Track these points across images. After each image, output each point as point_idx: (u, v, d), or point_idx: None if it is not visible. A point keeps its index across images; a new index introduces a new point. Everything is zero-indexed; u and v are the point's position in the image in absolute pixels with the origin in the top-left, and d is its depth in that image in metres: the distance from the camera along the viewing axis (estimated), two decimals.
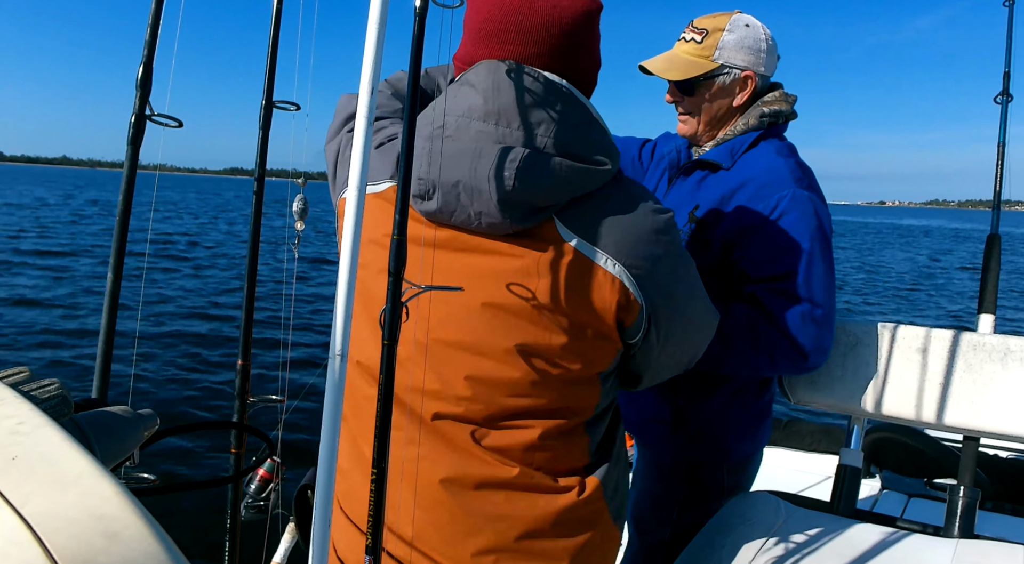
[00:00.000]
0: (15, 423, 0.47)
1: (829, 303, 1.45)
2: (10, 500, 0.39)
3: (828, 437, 3.20)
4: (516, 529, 1.01)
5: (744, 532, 1.44)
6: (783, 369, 1.50)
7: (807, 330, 1.43)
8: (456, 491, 1.00)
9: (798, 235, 1.44)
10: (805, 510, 1.58)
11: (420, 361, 0.98)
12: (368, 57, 0.66)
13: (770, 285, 1.46)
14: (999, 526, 2.36)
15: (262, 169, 1.91)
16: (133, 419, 0.65)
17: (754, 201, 1.48)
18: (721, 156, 1.57)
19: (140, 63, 1.40)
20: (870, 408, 1.59)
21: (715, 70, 1.55)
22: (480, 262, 0.95)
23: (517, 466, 1.00)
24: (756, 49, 1.56)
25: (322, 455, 0.66)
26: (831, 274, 1.46)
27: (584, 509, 1.05)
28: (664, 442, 1.66)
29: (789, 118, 1.61)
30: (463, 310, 0.96)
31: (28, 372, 0.59)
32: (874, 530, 1.48)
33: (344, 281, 0.65)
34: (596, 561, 1.07)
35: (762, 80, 1.59)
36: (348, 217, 0.66)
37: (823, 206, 1.48)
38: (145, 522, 0.39)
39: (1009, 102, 2.12)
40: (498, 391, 0.98)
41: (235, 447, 2.00)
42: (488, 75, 0.92)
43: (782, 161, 1.51)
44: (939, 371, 1.53)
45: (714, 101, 1.59)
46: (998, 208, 2.13)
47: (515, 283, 0.93)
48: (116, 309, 1.47)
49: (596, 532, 1.06)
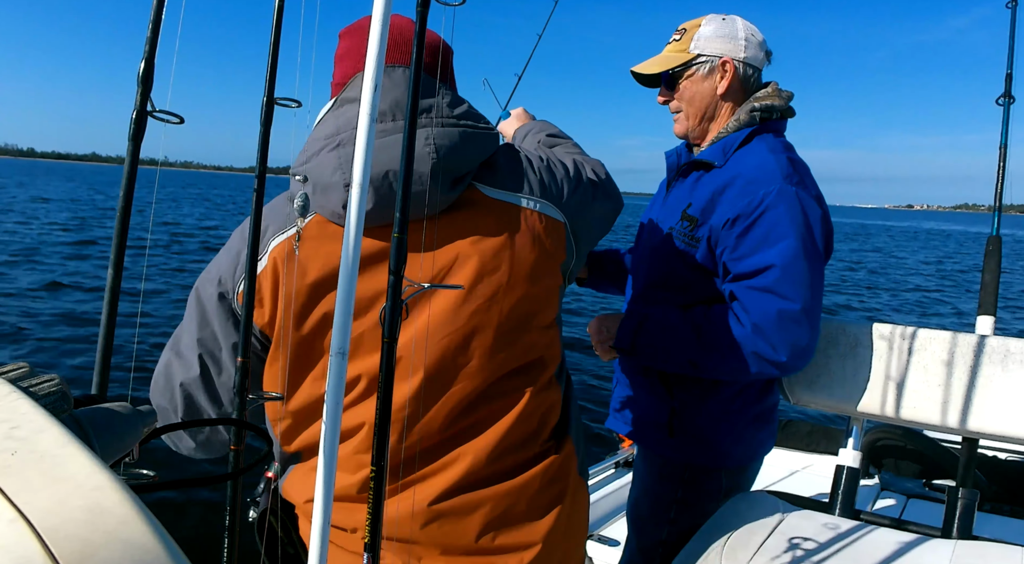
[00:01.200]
0: (14, 419, 0.46)
1: (810, 303, 1.40)
2: (9, 496, 0.39)
3: (827, 437, 3.20)
4: (510, 499, 1.06)
5: (742, 532, 1.44)
6: (757, 371, 1.44)
7: (784, 330, 1.39)
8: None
9: (781, 231, 1.41)
10: (803, 510, 1.58)
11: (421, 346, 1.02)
12: (371, 53, 0.66)
13: (748, 282, 1.44)
14: (997, 527, 2.36)
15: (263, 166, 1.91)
16: (133, 415, 0.65)
17: (741, 196, 1.46)
18: (714, 155, 1.58)
19: (141, 59, 1.40)
20: (869, 409, 1.59)
21: (691, 60, 1.60)
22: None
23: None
24: (732, 37, 1.59)
25: (322, 455, 0.66)
26: (816, 273, 1.42)
27: (560, 467, 1.11)
28: (661, 444, 1.65)
29: (786, 114, 1.60)
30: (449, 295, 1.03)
31: (27, 367, 0.59)
32: (872, 531, 1.48)
33: (344, 280, 0.65)
34: (573, 513, 1.13)
35: (745, 67, 1.59)
36: (350, 214, 0.66)
37: (814, 204, 1.45)
38: (144, 519, 0.39)
39: (1011, 104, 2.12)
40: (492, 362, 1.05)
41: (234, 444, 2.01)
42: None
43: (772, 157, 1.49)
44: (938, 372, 1.53)
45: (696, 91, 1.61)
46: (999, 210, 2.14)
47: (465, 257, 1.02)
48: (116, 305, 1.46)
49: (569, 482, 1.13)
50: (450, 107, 1.04)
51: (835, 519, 1.55)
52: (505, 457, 1.08)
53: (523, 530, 1.07)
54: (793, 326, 1.39)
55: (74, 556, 0.36)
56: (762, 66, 1.62)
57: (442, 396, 1.03)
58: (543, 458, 1.11)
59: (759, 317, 1.41)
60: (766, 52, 1.61)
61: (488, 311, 1.03)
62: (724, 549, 1.39)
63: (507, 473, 1.08)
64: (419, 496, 1.04)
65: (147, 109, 0.98)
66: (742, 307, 1.44)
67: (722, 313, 1.47)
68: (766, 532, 1.45)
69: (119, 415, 0.63)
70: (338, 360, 0.66)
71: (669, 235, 1.60)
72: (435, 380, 1.03)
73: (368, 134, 0.66)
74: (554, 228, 1.09)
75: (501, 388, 1.07)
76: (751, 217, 1.43)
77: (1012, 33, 2.13)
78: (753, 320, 1.41)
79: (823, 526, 1.49)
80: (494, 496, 1.06)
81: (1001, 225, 2.12)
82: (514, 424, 1.07)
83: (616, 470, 2.97)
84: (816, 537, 1.44)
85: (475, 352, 1.04)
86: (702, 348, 1.46)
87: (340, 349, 0.65)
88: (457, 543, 1.05)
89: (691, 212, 1.56)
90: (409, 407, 1.02)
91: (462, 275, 1.03)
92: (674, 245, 1.58)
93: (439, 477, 1.05)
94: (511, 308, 1.05)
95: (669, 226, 1.61)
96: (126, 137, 0.97)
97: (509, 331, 1.05)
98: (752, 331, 1.41)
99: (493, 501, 1.06)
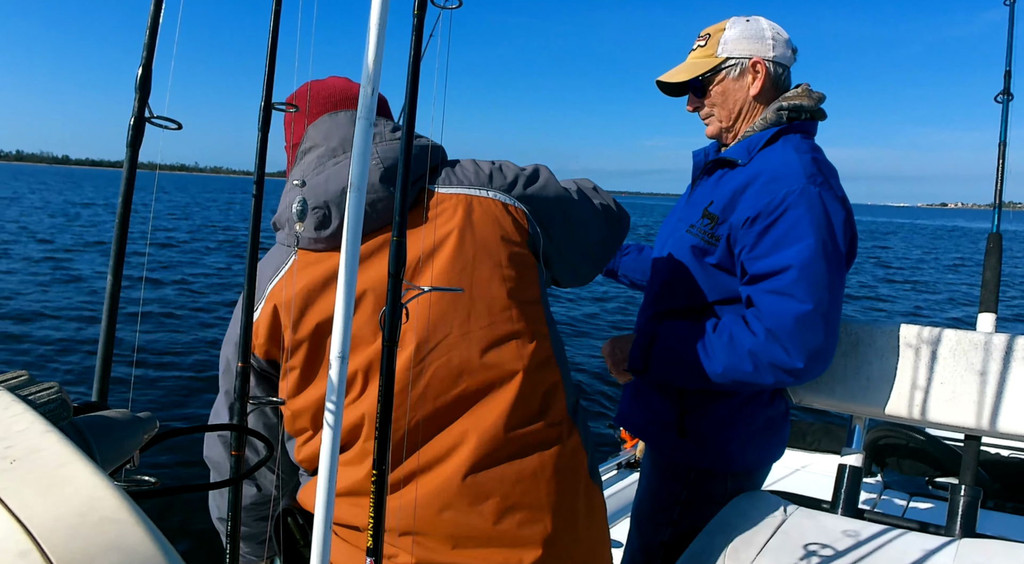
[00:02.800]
0: (13, 427, 0.46)
1: (827, 306, 1.36)
2: (8, 504, 0.38)
3: (829, 436, 3.19)
4: (523, 484, 1.10)
5: (746, 531, 1.44)
6: (774, 381, 1.41)
7: (799, 335, 1.35)
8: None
9: (800, 232, 1.38)
10: (806, 509, 1.58)
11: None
12: (368, 58, 0.66)
13: (764, 284, 1.41)
14: (1001, 525, 2.36)
15: (261, 171, 1.91)
16: (132, 422, 0.65)
17: (762, 195, 1.43)
18: (738, 153, 1.56)
19: (139, 65, 1.40)
20: (871, 407, 1.59)
21: (720, 64, 1.58)
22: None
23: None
24: (759, 37, 1.57)
25: (323, 456, 0.65)
26: (835, 276, 1.38)
27: (572, 456, 1.16)
28: (668, 446, 1.64)
29: (816, 116, 1.57)
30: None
31: (27, 375, 0.58)
32: (876, 529, 1.47)
33: (344, 282, 0.64)
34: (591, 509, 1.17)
35: (775, 66, 1.57)
36: (348, 216, 0.66)
37: (837, 206, 1.42)
38: (144, 526, 0.39)
39: (1010, 101, 2.12)
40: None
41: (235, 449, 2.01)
42: (315, 133, 1.20)
43: (796, 157, 1.46)
44: (940, 370, 1.53)
45: (728, 94, 1.60)
46: (999, 207, 2.13)
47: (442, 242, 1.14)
48: (116, 312, 1.46)
49: (581, 476, 1.16)
50: (392, 132, 1.21)
51: (838, 518, 1.55)
52: (512, 438, 1.09)
53: (539, 516, 1.08)
54: (808, 330, 1.35)
55: (73, 563, 0.36)
56: (790, 64, 1.60)
57: (431, 367, 1.10)
58: (553, 443, 1.12)
59: (773, 322, 1.37)
60: (792, 49, 1.60)
61: (460, 281, 1.13)
62: (728, 548, 1.39)
63: (515, 454, 1.09)
64: (430, 484, 1.06)
65: (145, 115, 0.98)
66: (756, 314, 1.40)
67: (733, 325, 1.43)
68: (769, 531, 1.44)
69: (119, 422, 0.63)
70: (338, 364, 0.66)
71: (689, 233, 1.57)
72: (421, 350, 1.10)
73: (365, 138, 0.66)
74: (511, 211, 1.21)
75: (489, 360, 1.11)
76: (771, 216, 1.40)
77: (1010, 30, 2.13)
78: (767, 325, 1.38)
79: (826, 525, 1.49)
80: (505, 478, 1.07)
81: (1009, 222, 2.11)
82: (515, 401, 1.10)
83: (619, 471, 2.97)
84: (819, 536, 1.43)
85: (454, 323, 1.11)
86: (712, 365, 1.43)
87: (340, 352, 0.65)
88: (471, 533, 1.05)
89: (712, 210, 1.53)
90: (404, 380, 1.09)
91: (439, 260, 1.13)
92: (694, 243, 1.55)
93: (450, 459, 1.07)
94: (485, 280, 1.14)
95: (690, 223, 1.58)
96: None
97: (486, 301, 1.13)
98: (765, 339, 1.37)
99: (506, 484, 1.07)
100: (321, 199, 1.13)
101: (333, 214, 1.13)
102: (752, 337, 1.39)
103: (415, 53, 0.71)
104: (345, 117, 1.21)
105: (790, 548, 1.38)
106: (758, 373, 1.40)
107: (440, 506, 1.05)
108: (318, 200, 1.13)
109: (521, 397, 1.11)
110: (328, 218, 1.14)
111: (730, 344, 1.42)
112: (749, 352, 1.39)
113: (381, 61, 0.67)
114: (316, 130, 1.21)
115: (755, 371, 1.40)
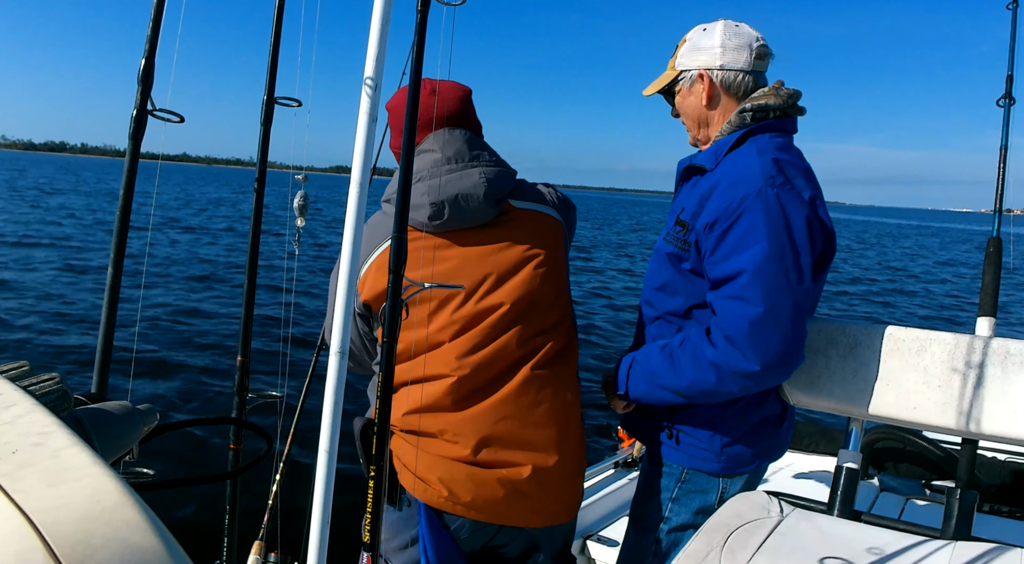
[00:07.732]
0: (15, 417, 0.47)
1: (781, 307, 1.36)
2: (10, 494, 0.39)
3: (826, 438, 3.20)
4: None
5: (742, 532, 1.45)
6: (739, 388, 1.43)
7: (754, 338, 1.36)
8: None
9: (755, 235, 1.37)
10: (803, 510, 1.58)
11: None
12: (371, 53, 0.66)
13: (721, 290, 1.42)
14: (996, 528, 2.37)
15: (263, 165, 1.90)
16: (132, 414, 0.65)
17: (722, 199, 1.44)
18: (706, 158, 1.57)
19: (142, 58, 1.40)
20: (869, 410, 1.59)
21: (677, 77, 1.64)
22: (485, 236, 1.52)
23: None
24: (706, 47, 1.59)
25: (322, 451, 0.66)
26: (792, 277, 1.38)
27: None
28: (662, 445, 1.66)
29: (789, 112, 1.56)
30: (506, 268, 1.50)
31: (28, 366, 0.59)
32: (872, 531, 1.48)
33: (343, 281, 0.65)
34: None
35: (724, 73, 1.58)
36: (348, 215, 0.66)
37: (798, 205, 1.40)
38: (145, 516, 0.40)
39: (1011, 106, 2.12)
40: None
41: (234, 443, 2.00)
42: (437, 140, 1.51)
43: (757, 159, 1.46)
44: (938, 373, 1.53)
45: (685, 106, 1.66)
46: (1000, 211, 2.14)
47: (512, 242, 1.52)
48: (116, 304, 1.47)
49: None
50: (491, 156, 1.56)
51: (834, 520, 1.56)
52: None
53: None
54: (764, 333, 1.36)
55: (75, 553, 0.36)
56: (750, 67, 1.59)
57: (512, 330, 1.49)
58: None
59: (729, 328, 1.39)
60: (755, 52, 1.58)
61: (537, 272, 1.51)
62: (723, 549, 1.39)
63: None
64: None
65: (147, 108, 0.99)
66: (717, 322, 1.43)
67: (698, 338, 1.46)
68: (765, 532, 1.45)
69: (119, 414, 0.64)
70: (338, 359, 0.66)
71: (666, 240, 1.61)
72: (509, 316, 1.49)
73: (367, 134, 0.67)
74: (557, 223, 1.62)
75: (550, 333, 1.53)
76: (728, 220, 1.41)
77: (1013, 35, 2.13)
78: (725, 332, 1.39)
79: (822, 527, 1.49)
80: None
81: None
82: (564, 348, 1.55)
83: (616, 470, 2.97)
84: (815, 538, 1.44)
85: (539, 303, 1.50)
86: (680, 380, 1.48)
87: (339, 348, 0.66)
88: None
89: (683, 217, 1.56)
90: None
91: (513, 252, 1.51)
92: (670, 250, 1.59)
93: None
94: (554, 269, 1.54)
95: (667, 231, 1.63)
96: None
97: (559, 283, 1.56)
98: (724, 346, 1.39)
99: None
100: (439, 197, 1.44)
101: (446, 210, 1.45)
102: (712, 348, 1.42)
103: (417, 51, 0.71)
104: (460, 134, 1.54)
105: (786, 549, 1.39)
106: (722, 382, 1.42)
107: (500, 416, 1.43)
108: (435, 198, 1.44)
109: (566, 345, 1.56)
110: (441, 211, 1.45)
111: (694, 358, 1.45)
112: (711, 363, 1.42)
113: (384, 57, 0.67)
114: (436, 138, 1.52)
115: (719, 381, 1.42)
